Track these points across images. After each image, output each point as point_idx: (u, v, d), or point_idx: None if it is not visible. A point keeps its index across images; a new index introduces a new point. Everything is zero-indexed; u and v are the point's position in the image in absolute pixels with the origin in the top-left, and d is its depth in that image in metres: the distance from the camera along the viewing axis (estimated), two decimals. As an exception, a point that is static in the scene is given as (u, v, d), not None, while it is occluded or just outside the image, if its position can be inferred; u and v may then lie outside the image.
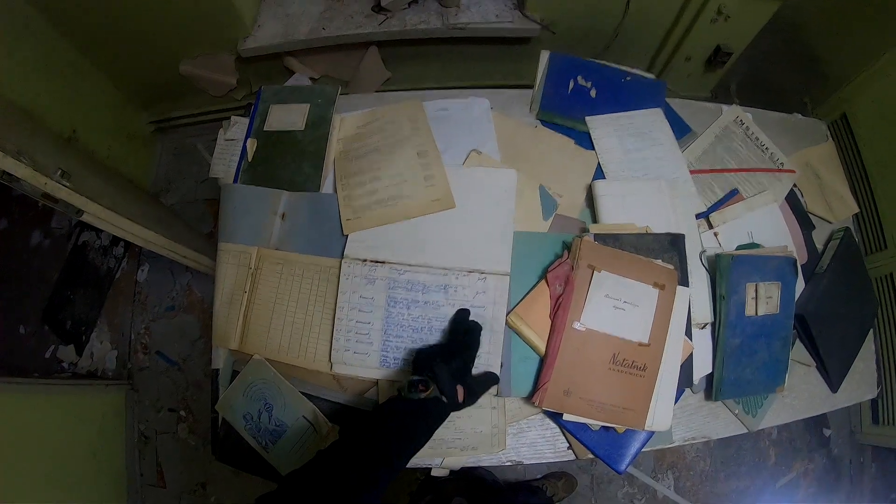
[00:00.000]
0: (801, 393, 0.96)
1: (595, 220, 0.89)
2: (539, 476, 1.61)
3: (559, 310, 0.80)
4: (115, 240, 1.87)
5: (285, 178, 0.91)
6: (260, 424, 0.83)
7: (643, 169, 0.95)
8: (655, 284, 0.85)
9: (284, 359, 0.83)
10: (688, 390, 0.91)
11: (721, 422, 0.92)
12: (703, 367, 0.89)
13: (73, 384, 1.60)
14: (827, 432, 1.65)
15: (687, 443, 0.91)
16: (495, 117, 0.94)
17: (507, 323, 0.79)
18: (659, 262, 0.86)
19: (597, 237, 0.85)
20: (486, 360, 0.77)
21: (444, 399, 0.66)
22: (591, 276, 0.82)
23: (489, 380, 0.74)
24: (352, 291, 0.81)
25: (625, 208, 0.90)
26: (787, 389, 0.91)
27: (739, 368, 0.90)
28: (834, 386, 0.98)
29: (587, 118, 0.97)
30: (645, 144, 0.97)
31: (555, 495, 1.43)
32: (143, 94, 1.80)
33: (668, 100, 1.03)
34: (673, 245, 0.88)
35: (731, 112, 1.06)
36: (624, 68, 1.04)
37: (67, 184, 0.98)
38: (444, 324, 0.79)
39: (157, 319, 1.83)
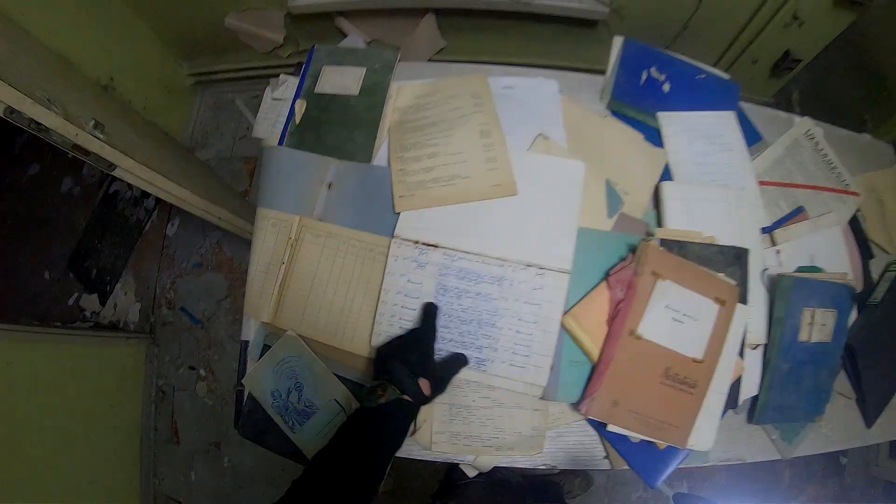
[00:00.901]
0: (837, 424, 0.86)
1: (660, 223, 0.78)
2: (557, 470, 1.53)
3: (618, 316, 0.70)
4: (147, 192, 1.73)
5: (335, 145, 0.79)
6: (288, 403, 0.74)
7: (711, 174, 0.83)
8: (717, 300, 0.74)
9: (320, 337, 0.73)
10: (730, 410, 0.81)
11: (757, 446, 0.83)
12: (749, 388, 0.79)
13: (95, 335, 1.51)
14: (843, 460, 1.57)
15: (721, 463, 0.81)
16: (563, 102, 0.81)
17: (561, 324, 0.68)
18: (722, 276, 0.75)
19: (662, 242, 0.74)
20: (536, 360, 0.67)
21: (406, 398, 0.59)
22: (655, 284, 0.71)
23: (456, 361, 0.66)
24: (399, 274, 0.70)
25: (691, 214, 0.78)
26: (823, 420, 0.82)
27: (785, 394, 0.80)
28: (870, 421, 0.89)
29: (659, 114, 0.85)
30: (715, 148, 0.85)
31: (570, 492, 1.35)
32: (185, 46, 1.63)
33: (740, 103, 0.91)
34: (737, 259, 0.77)
35: (803, 125, 0.93)
36: (699, 65, 0.91)
37: (101, 136, 0.86)
38: (496, 319, 0.68)
39: (183, 275, 1.71)
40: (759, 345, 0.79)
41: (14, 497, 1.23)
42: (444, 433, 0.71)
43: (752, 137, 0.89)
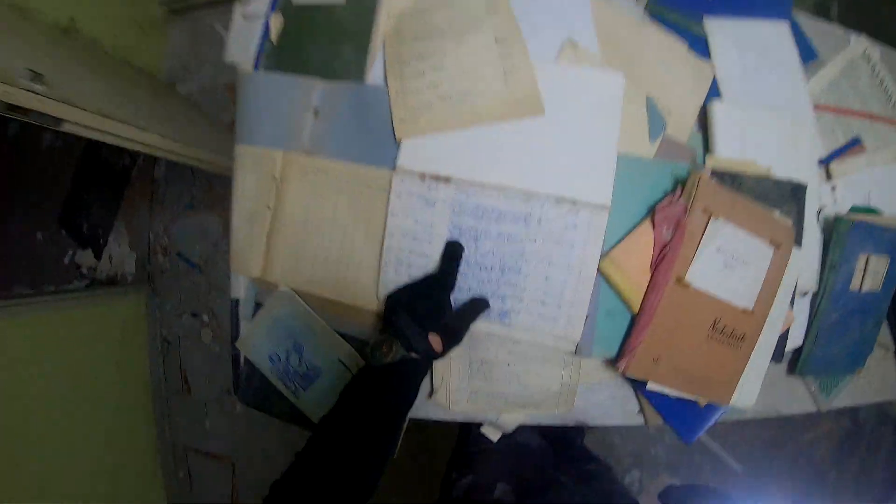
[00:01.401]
0: (873, 376, 0.77)
1: (707, 149, 0.63)
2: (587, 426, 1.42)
3: (663, 260, 0.57)
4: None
5: (319, 64, 0.62)
6: (289, 367, 0.63)
7: (761, 93, 0.67)
8: (771, 242, 0.61)
9: (318, 291, 0.60)
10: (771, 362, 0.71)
11: (794, 397, 0.74)
12: (794, 339, 0.68)
13: (91, 294, 1.38)
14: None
15: (758, 416, 0.72)
16: (593, 3, 0.64)
17: (598, 269, 0.56)
18: (777, 214, 0.62)
19: (714, 174, 0.60)
20: (568, 311, 0.55)
21: (413, 355, 0.49)
22: (707, 223, 0.57)
23: (474, 307, 0.54)
24: (404, 214, 0.56)
25: (744, 141, 0.63)
26: (862, 371, 0.73)
27: (830, 345, 0.70)
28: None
29: (706, 19, 0.67)
30: (767, 63, 0.68)
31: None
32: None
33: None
34: (793, 196, 0.63)
35: (859, 43, 0.76)
36: (750, -40, 0.72)
37: (40, 88, 0.68)
38: (522, 264, 0.55)
39: (176, 219, 1.54)
40: (807, 292, 0.68)
41: (29, 468, 1.17)
42: (463, 390, 0.61)
43: (807, 54, 0.72)
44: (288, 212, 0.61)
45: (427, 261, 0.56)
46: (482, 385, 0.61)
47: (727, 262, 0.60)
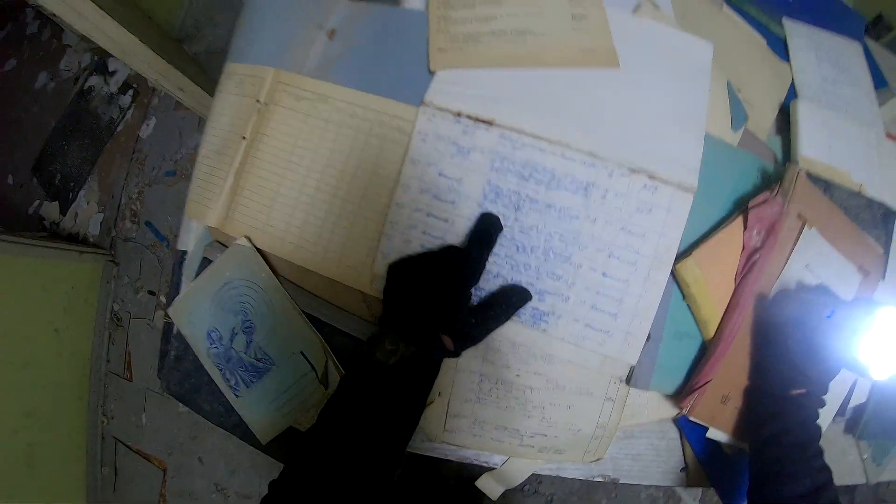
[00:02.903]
0: None
1: (789, 153, 0.49)
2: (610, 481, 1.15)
3: (751, 271, 0.39)
4: (124, 87, 1.32)
5: (345, -20, 0.47)
6: (231, 352, 0.41)
7: (837, 107, 0.54)
8: (861, 269, 0.45)
9: (290, 255, 0.40)
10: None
11: (846, 465, 0.55)
12: (859, 392, 0.52)
13: (43, 246, 1.10)
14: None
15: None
16: (669, -24, 0.51)
17: (673, 272, 0.38)
18: (869, 238, 0.47)
19: (809, 176, 0.45)
20: (626, 323, 0.37)
21: (420, 353, 0.33)
22: (800, 231, 0.42)
23: (507, 304, 0.36)
24: (428, 163, 0.37)
25: (830, 148, 0.49)
26: None
27: (894, 403, 0.54)
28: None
29: (785, 20, 0.55)
30: (843, 78, 0.56)
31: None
32: None
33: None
34: (884, 222, 0.48)
35: (924, 79, 0.66)
36: (822, -20, 0.62)
37: None
38: (573, 250, 0.36)
39: (153, 184, 1.28)
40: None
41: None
42: (465, 417, 0.40)
43: (878, 80, 0.61)
44: (268, 146, 0.41)
45: (447, 229, 0.37)
46: (492, 414, 0.40)
47: (812, 280, 0.44)
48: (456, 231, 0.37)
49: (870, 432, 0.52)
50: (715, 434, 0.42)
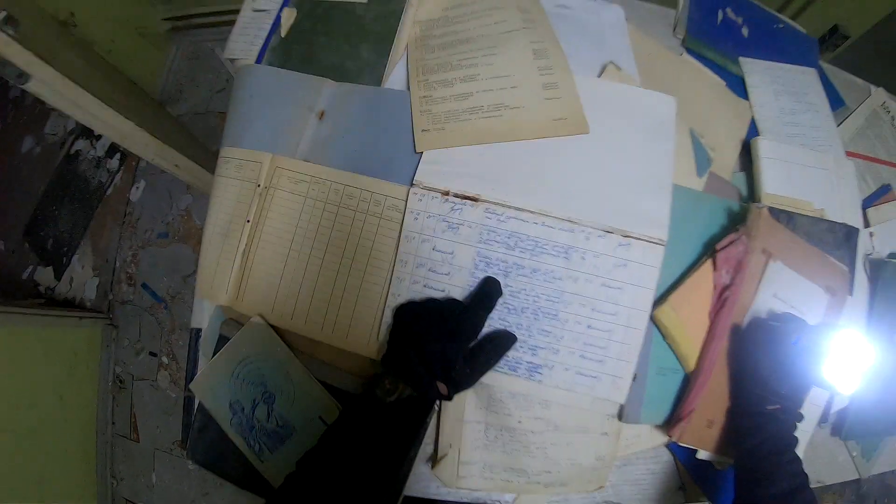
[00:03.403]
0: None
1: (752, 188, 0.54)
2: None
3: (723, 307, 0.44)
4: (111, 150, 1.36)
5: (332, 63, 0.50)
6: (254, 421, 0.45)
7: (797, 136, 0.59)
8: (827, 289, 0.51)
9: (300, 329, 0.44)
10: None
11: (837, 465, 0.60)
12: (839, 398, 0.57)
13: (43, 314, 1.14)
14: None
15: (800, 488, 0.59)
16: (631, 33, 0.56)
17: (652, 317, 0.43)
18: (832, 259, 0.53)
19: (772, 212, 0.50)
20: (613, 367, 0.41)
21: (416, 396, 0.38)
22: (766, 265, 0.47)
23: (496, 349, 0.40)
24: (422, 239, 0.42)
25: (791, 180, 0.54)
26: None
27: (877, 403, 0.59)
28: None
29: (741, 60, 0.60)
30: (801, 107, 0.61)
31: None
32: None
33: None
34: (847, 241, 0.53)
35: (879, 95, 0.71)
36: (774, 13, 0.68)
37: (11, 31, 0.54)
38: (559, 307, 0.41)
39: (146, 246, 1.32)
40: (853, 346, 0.57)
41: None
42: (475, 463, 0.44)
43: (835, 102, 0.66)
44: (271, 228, 0.45)
45: (444, 297, 0.42)
46: (500, 458, 0.45)
47: (782, 308, 0.49)
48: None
49: (854, 433, 0.57)
50: (704, 455, 0.46)
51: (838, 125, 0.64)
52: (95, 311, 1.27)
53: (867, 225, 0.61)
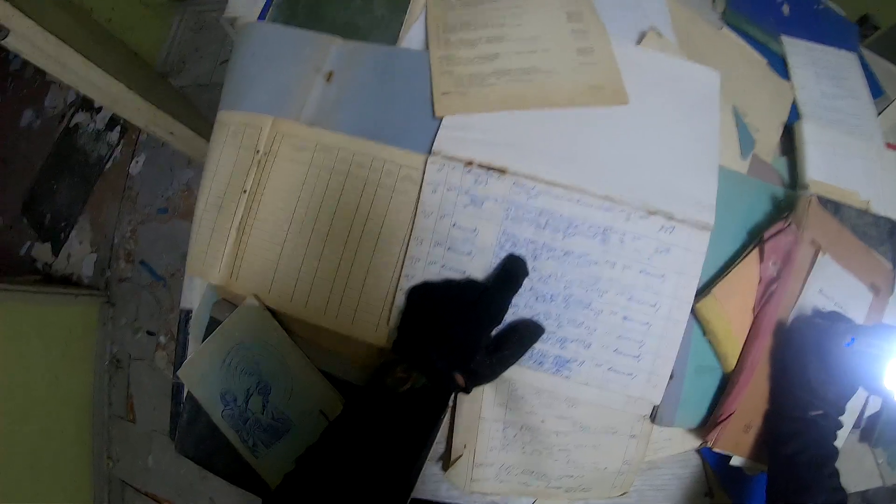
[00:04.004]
0: None
1: (794, 174, 0.48)
2: None
3: (769, 301, 0.39)
4: (111, 123, 1.28)
5: (342, 20, 0.44)
6: (248, 413, 0.39)
7: (838, 122, 0.54)
8: (872, 287, 0.46)
9: (300, 312, 0.38)
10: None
11: (863, 472, 0.56)
12: (872, 402, 0.52)
13: (38, 292, 1.06)
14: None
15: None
16: (668, 2, 0.50)
17: (694, 310, 0.37)
18: (878, 255, 0.47)
19: (820, 200, 0.45)
20: (650, 364, 0.36)
21: (431, 387, 0.33)
22: (815, 258, 0.41)
23: (521, 342, 0.35)
24: (440, 215, 0.36)
25: (835, 168, 0.48)
26: None
27: None
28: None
29: (784, 38, 0.54)
30: (841, 92, 0.55)
31: None
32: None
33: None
34: (891, 236, 0.48)
35: (917, 85, 0.67)
36: (814, -9, 0.62)
37: None
38: (593, 296, 0.35)
39: (146, 222, 1.24)
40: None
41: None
42: (491, 465, 0.39)
43: (875, 90, 0.60)
44: (270, 199, 0.39)
45: (464, 278, 0.36)
46: (519, 459, 0.39)
47: (826, 305, 0.44)
48: (473, 283, 0.36)
49: (884, 440, 0.53)
50: (738, 461, 0.41)
51: (878, 115, 0.59)
52: (92, 288, 1.20)
53: (906, 220, 0.56)
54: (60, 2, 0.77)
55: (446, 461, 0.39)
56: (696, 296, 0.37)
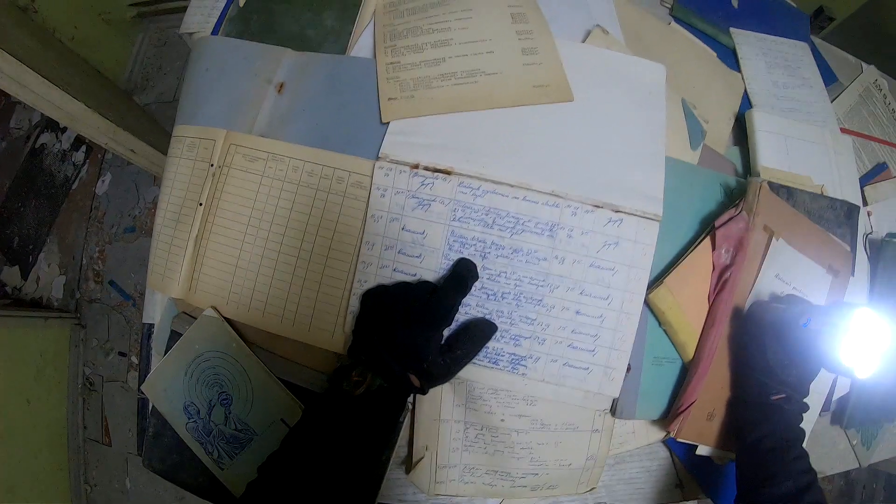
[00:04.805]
0: None
1: (748, 162, 0.50)
2: None
3: (724, 289, 0.40)
4: (76, 143, 1.28)
5: (293, 32, 0.44)
6: (210, 425, 0.39)
7: (791, 111, 0.55)
8: (830, 269, 0.47)
9: (258, 321, 0.38)
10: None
11: (837, 454, 0.57)
12: (840, 385, 0.54)
13: (8, 316, 1.05)
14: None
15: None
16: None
17: (647, 301, 0.38)
18: (834, 238, 0.49)
19: (771, 186, 0.46)
20: (605, 358, 0.37)
21: (387, 388, 0.33)
22: (768, 243, 0.43)
23: (474, 340, 0.35)
24: (390, 218, 0.36)
25: (788, 154, 0.50)
26: None
27: (877, 389, 0.56)
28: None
29: (732, 30, 0.56)
30: (794, 81, 0.57)
31: None
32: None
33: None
34: (848, 219, 0.50)
35: (871, 72, 0.68)
36: (763, -17, 0.64)
37: None
38: (544, 292, 0.36)
39: (113, 242, 1.24)
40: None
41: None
42: (454, 466, 0.40)
43: (827, 77, 0.63)
44: (225, 210, 0.39)
45: (416, 280, 0.38)
46: (482, 460, 0.40)
47: (784, 290, 0.45)
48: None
49: (855, 421, 0.53)
50: (704, 450, 0.42)
51: (831, 101, 0.62)
52: (62, 310, 1.19)
53: (864, 203, 0.58)
54: (21, 22, 0.79)
55: (409, 464, 0.40)
56: (648, 287, 0.38)
